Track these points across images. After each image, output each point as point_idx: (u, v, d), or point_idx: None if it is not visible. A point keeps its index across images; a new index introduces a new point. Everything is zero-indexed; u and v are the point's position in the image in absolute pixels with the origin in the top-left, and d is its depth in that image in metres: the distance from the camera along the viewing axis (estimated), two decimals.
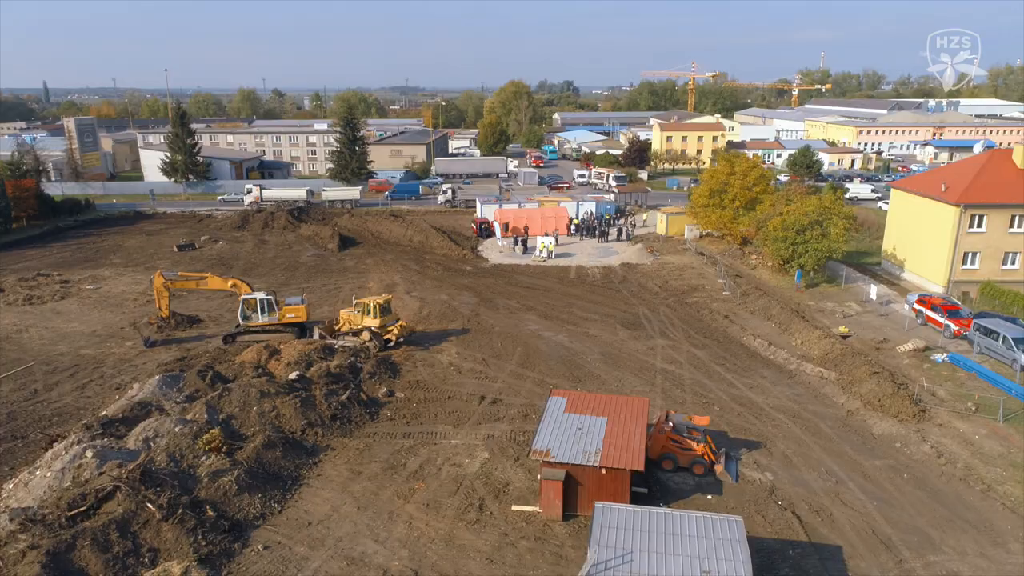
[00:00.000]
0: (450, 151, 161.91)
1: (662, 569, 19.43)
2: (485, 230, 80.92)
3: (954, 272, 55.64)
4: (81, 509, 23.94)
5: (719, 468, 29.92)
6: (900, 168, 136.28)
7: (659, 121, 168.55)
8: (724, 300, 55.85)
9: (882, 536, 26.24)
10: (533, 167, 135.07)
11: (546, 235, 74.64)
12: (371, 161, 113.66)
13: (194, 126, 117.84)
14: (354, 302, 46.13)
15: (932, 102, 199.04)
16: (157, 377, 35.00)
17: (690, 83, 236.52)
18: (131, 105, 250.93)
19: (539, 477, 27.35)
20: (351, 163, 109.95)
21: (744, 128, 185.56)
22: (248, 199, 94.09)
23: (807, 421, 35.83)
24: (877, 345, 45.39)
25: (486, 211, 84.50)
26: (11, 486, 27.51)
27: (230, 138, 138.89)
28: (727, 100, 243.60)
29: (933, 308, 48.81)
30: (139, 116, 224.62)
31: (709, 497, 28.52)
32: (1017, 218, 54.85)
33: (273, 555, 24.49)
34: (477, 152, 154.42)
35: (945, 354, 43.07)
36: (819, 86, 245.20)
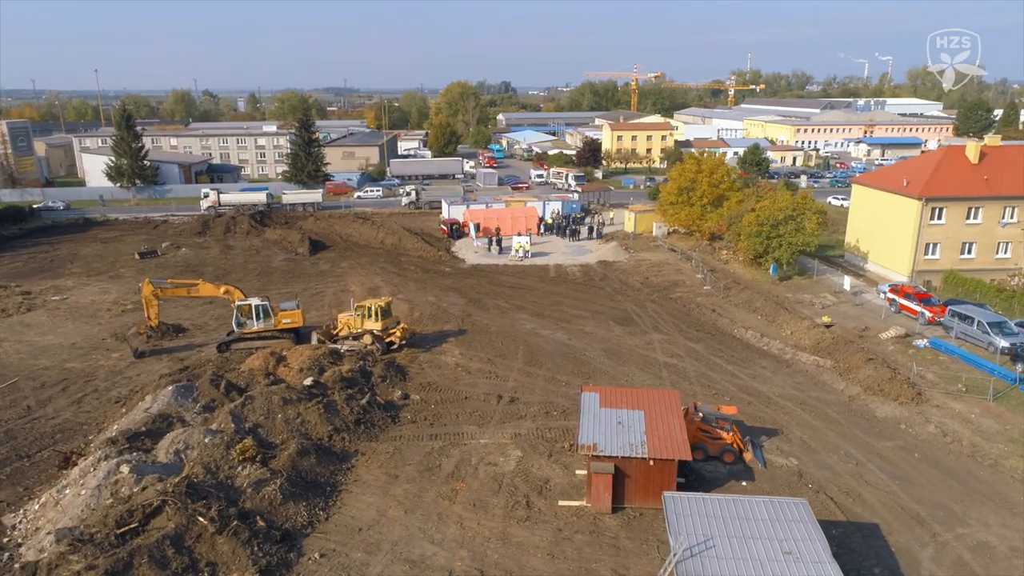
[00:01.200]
0: (400, 152, 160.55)
1: (745, 552, 20.09)
2: (456, 231, 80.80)
3: (917, 262, 58.66)
4: (132, 526, 23.07)
5: (748, 455, 30.92)
6: (839, 165, 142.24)
7: (608, 121, 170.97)
8: (707, 294, 57.40)
9: (911, 512, 27.67)
10: (488, 167, 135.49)
11: (519, 235, 75.12)
12: (327, 163, 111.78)
13: None
14: (353, 306, 45.50)
15: (861, 101, 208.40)
16: (170, 388, 33.81)
17: (633, 83, 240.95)
18: (56, 108, 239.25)
19: (587, 471, 27.72)
20: (307, 165, 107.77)
21: (687, 128, 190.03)
22: (205, 204, 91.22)
23: (813, 407, 37.32)
24: (860, 333, 47.49)
25: (453, 212, 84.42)
26: (37, 506, 26.23)
27: (173, 141, 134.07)
28: (666, 100, 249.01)
29: (907, 297, 51.38)
30: (66, 119, 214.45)
31: (744, 483, 29.45)
32: (973, 210, 58.24)
33: (332, 563, 24.13)
34: (428, 153, 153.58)
35: (926, 340, 45.44)
36: (753, 86, 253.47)
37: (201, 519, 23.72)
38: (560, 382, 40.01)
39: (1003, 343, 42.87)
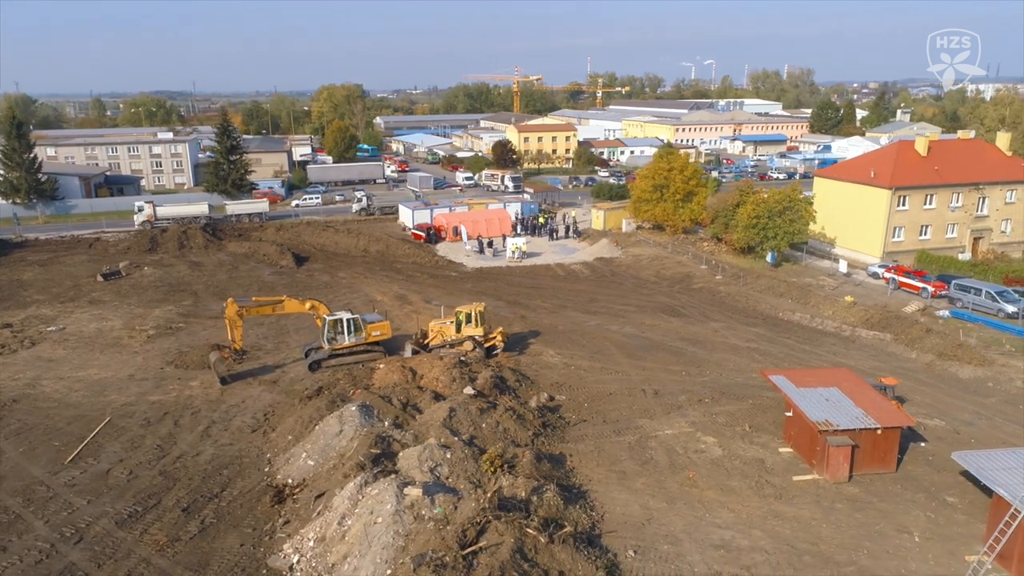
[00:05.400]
0: (295, 158, 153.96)
1: None
2: (433, 235, 79.87)
3: (886, 245, 66.26)
4: (480, 545, 22.22)
5: (912, 421, 34.39)
6: (727, 161, 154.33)
7: (499, 123, 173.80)
8: (725, 283, 61.39)
9: None
10: (399, 171, 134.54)
11: (505, 236, 75.90)
12: (253, 171, 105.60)
13: None
14: (443, 313, 44.64)
15: (722, 102, 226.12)
16: (354, 407, 31.78)
17: (515, 86, 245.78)
18: None
19: (817, 446, 29.76)
20: (230, 174, 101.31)
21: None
22: (140, 218, 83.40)
23: (905, 375, 41.70)
24: (883, 309, 53.18)
25: (419, 216, 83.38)
26: (311, 543, 24.28)
27: (51, 151, 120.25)
28: (538, 103, 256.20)
29: (906, 275, 58.11)
30: None
31: (922, 444, 32.85)
32: (929, 197, 66.70)
33: (650, 556, 24.52)
34: (329, 159, 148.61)
35: (947, 311, 51.85)
36: (620, 88, 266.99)
37: (530, 531, 23.27)
38: (677, 372, 41.82)
39: (1011, 308, 50.04)
